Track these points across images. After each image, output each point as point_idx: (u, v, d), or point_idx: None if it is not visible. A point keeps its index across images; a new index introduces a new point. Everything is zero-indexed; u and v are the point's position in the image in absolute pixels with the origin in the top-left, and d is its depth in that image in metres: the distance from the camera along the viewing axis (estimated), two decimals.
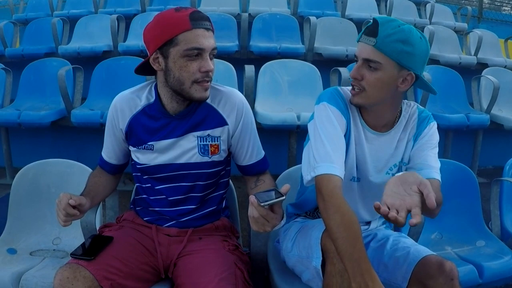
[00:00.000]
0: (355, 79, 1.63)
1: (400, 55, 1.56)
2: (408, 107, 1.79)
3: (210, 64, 1.65)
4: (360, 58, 1.61)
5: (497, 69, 4.49)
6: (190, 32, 1.60)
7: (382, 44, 1.55)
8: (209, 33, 1.65)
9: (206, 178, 1.83)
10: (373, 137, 1.73)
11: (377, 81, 1.59)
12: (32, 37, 5.08)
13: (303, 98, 3.85)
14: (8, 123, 3.77)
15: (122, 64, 4.03)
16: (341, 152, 1.63)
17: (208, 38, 1.63)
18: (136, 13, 5.23)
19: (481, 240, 2.39)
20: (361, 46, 1.61)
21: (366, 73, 1.60)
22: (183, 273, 1.69)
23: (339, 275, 1.49)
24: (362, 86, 1.61)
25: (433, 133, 1.77)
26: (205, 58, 1.63)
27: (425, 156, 1.72)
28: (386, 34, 1.55)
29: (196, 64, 1.63)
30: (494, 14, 7.28)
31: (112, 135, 1.86)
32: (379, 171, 1.76)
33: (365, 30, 1.60)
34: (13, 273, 1.93)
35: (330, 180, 1.55)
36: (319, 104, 1.70)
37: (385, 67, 1.57)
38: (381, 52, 1.56)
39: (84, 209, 1.67)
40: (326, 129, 1.64)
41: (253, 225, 1.45)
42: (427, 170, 1.68)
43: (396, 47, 1.55)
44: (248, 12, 5.27)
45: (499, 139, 4.37)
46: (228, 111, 1.79)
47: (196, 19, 1.61)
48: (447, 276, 1.55)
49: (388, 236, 1.83)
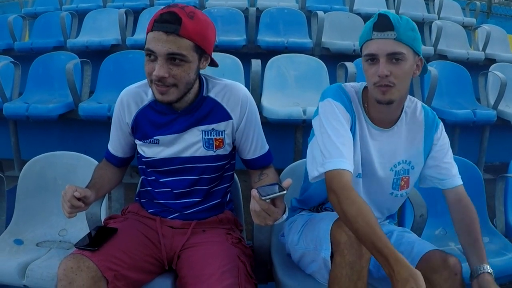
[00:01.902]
0: (385, 77, 1.58)
1: (414, 42, 1.59)
2: (410, 102, 1.79)
3: (159, 70, 1.57)
4: (383, 55, 1.57)
5: (504, 65, 4.46)
6: (151, 33, 1.58)
7: (401, 34, 1.56)
8: (170, 37, 1.55)
9: (211, 172, 1.84)
10: (377, 133, 1.73)
11: (405, 73, 1.60)
12: (40, 30, 5.10)
13: (310, 93, 3.85)
14: (16, 116, 3.79)
15: (130, 58, 4.05)
16: (349, 146, 1.63)
17: (163, 42, 1.55)
18: (145, 7, 5.23)
19: (486, 237, 2.38)
20: (378, 43, 1.58)
21: (392, 68, 1.58)
22: (186, 265, 1.71)
23: (349, 267, 1.50)
24: (392, 81, 1.59)
25: (444, 136, 1.82)
26: (159, 63, 1.57)
27: (444, 165, 1.80)
28: (400, 25, 1.56)
29: (150, 66, 1.60)
30: (503, 10, 7.21)
31: (119, 128, 1.87)
32: (383, 168, 1.77)
33: (375, 26, 1.58)
34: (19, 264, 1.95)
35: (342, 174, 1.56)
36: (324, 100, 1.70)
37: (407, 57, 1.58)
38: (403, 43, 1.56)
39: (89, 201, 1.69)
40: (332, 124, 1.64)
41: (254, 219, 1.46)
42: (449, 180, 1.79)
43: (410, 35, 1.58)
44: (256, 6, 5.25)
45: (506, 135, 4.34)
46: (233, 105, 1.80)
47: (160, 21, 1.56)
48: (451, 271, 1.56)
49: (392, 231, 1.84)
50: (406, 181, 1.81)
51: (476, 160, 4.14)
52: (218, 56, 3.88)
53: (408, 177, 1.81)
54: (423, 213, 1.93)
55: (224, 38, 4.52)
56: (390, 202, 1.85)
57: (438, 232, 2.44)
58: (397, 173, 1.78)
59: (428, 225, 2.00)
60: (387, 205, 1.87)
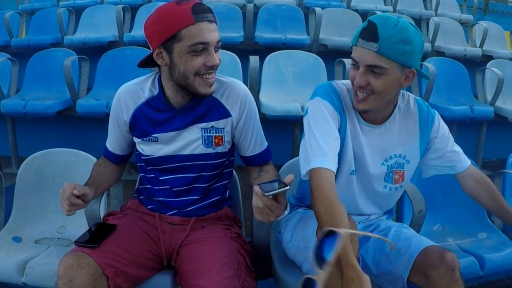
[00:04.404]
0: (361, 87, 1.57)
1: (403, 56, 1.51)
2: (403, 98, 1.78)
3: (216, 58, 1.63)
4: (363, 65, 1.54)
5: (502, 61, 4.46)
6: (194, 26, 1.57)
7: (385, 48, 1.49)
8: (213, 25, 1.61)
9: (210, 169, 1.84)
10: (369, 129, 1.73)
11: (384, 85, 1.55)
12: (38, 27, 5.07)
13: (308, 89, 3.80)
14: (14, 113, 3.77)
15: (128, 55, 4.03)
16: (333, 146, 1.62)
17: (212, 32, 1.60)
18: (142, 3, 5.20)
19: (483, 232, 2.39)
20: (360, 51, 1.54)
21: (371, 79, 1.54)
22: (186, 260, 1.71)
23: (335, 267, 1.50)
24: (370, 90, 1.57)
25: (442, 126, 1.81)
26: (211, 52, 1.62)
27: (449, 153, 1.82)
28: (387, 37, 1.49)
29: (201, 58, 1.61)
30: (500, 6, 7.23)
31: (116, 126, 1.86)
32: (375, 162, 1.76)
33: (362, 33, 1.54)
34: (18, 261, 1.95)
35: (320, 173, 1.55)
36: (313, 99, 1.70)
37: (390, 71, 1.53)
38: (384, 56, 1.50)
39: (88, 199, 1.69)
40: (319, 123, 1.64)
41: (257, 215, 1.46)
42: (458, 165, 1.84)
43: (399, 48, 1.50)
44: (253, 3, 5.23)
45: (503, 131, 4.34)
46: (232, 103, 1.79)
47: (199, 12, 1.57)
48: (448, 267, 1.55)
49: (390, 226, 1.84)
50: (400, 175, 1.80)
51: (474, 156, 4.14)
52: None
53: (403, 171, 1.80)
54: (421, 208, 1.94)
55: (222, 34, 4.47)
56: (385, 196, 1.85)
57: (436, 227, 2.44)
58: (390, 167, 1.78)
59: (426, 220, 2.01)
60: (383, 200, 1.87)
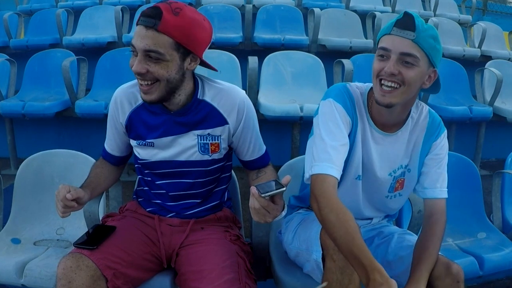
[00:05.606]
0: (392, 75, 1.52)
1: (433, 51, 1.52)
2: (417, 108, 1.74)
3: (138, 66, 1.54)
4: (396, 52, 1.50)
5: (500, 61, 4.47)
6: (136, 27, 1.56)
7: (420, 38, 1.49)
8: (149, 32, 1.51)
9: (206, 175, 1.83)
10: (380, 137, 1.70)
11: (414, 78, 1.52)
12: (36, 28, 5.08)
13: (307, 90, 3.85)
14: (12, 114, 3.77)
15: (127, 55, 4.00)
16: (341, 151, 1.60)
17: (142, 38, 1.52)
18: (141, 4, 5.21)
19: (483, 232, 2.40)
20: (394, 39, 1.51)
21: (402, 69, 1.51)
22: (186, 262, 1.70)
23: (339, 272, 1.49)
24: (400, 80, 1.52)
25: (443, 146, 1.77)
26: (138, 58, 1.55)
27: (431, 175, 1.74)
28: (423, 29, 1.49)
29: (132, 61, 1.57)
30: (499, 7, 7.24)
31: (114, 128, 1.86)
32: (383, 171, 1.73)
33: (397, 22, 1.51)
34: (17, 263, 1.95)
35: (324, 180, 1.53)
36: (325, 100, 1.66)
37: (420, 63, 1.51)
38: (419, 46, 1.49)
39: (83, 201, 1.67)
40: (328, 126, 1.61)
41: (254, 216, 1.45)
42: (429, 191, 1.74)
43: (431, 42, 1.51)
44: (252, 3, 5.24)
45: (502, 131, 4.36)
46: (229, 110, 1.75)
47: (143, 14, 1.53)
48: (453, 278, 1.55)
49: (393, 233, 1.82)
50: (401, 183, 1.78)
51: (472, 156, 4.14)
52: (215, 53, 3.89)
53: (403, 179, 1.78)
54: (420, 209, 1.94)
55: (221, 35, 4.52)
56: (387, 203, 1.83)
57: None
58: (395, 178, 1.76)
59: None
60: (386, 206, 1.85)
